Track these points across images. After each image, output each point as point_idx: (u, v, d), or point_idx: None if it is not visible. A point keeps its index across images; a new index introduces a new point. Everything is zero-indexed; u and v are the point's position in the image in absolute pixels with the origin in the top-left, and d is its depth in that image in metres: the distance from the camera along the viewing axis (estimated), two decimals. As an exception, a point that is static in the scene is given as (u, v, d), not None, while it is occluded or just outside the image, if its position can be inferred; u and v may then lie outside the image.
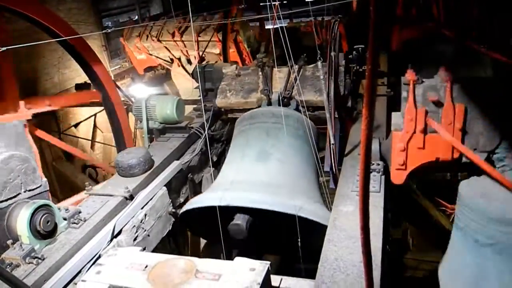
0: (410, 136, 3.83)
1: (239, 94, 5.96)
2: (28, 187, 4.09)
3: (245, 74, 6.16)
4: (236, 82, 6.13)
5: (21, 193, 4.01)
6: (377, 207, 3.79)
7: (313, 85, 5.56)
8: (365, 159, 1.48)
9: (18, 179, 4.04)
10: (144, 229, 4.43)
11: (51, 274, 3.48)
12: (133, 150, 5.05)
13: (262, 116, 5.34)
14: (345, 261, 3.28)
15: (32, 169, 4.18)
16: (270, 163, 4.84)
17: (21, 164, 4.08)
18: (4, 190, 3.89)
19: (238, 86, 6.07)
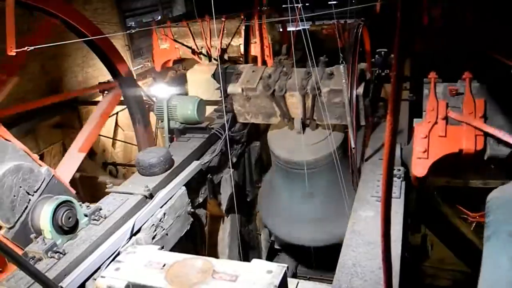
0: (431, 126, 3.84)
1: (259, 117, 5.85)
2: (33, 188, 4.02)
3: (255, 97, 5.76)
4: (250, 104, 5.87)
5: (30, 198, 3.97)
6: (397, 213, 3.76)
7: (332, 112, 5.33)
8: (388, 166, 1.47)
9: (21, 190, 3.91)
10: (163, 228, 4.46)
11: (71, 269, 3.54)
12: (154, 150, 5.10)
13: (297, 165, 5.53)
14: (363, 267, 3.26)
15: (29, 170, 4.02)
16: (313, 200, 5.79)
17: (16, 175, 3.89)
18: (15, 208, 3.82)
19: (253, 109, 5.86)
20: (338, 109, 5.22)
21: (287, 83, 5.44)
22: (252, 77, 5.72)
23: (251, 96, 5.73)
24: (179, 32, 10.73)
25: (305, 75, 5.39)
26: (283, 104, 5.54)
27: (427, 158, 3.83)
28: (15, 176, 3.89)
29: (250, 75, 5.78)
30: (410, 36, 1.19)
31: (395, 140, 1.41)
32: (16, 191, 3.87)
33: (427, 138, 3.82)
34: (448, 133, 3.82)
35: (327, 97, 5.23)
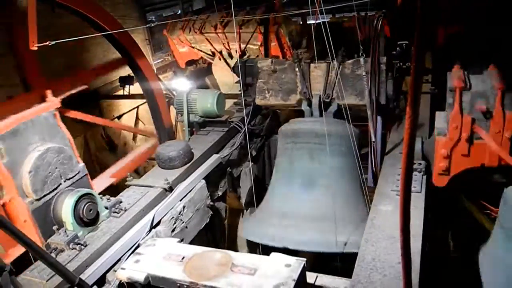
0: (454, 144, 3.72)
1: (278, 95, 5.83)
2: (67, 176, 4.17)
3: (281, 70, 5.83)
4: (273, 79, 5.86)
5: (61, 183, 4.11)
6: (417, 208, 3.71)
7: (353, 86, 5.29)
8: (407, 159, 1.45)
9: (56, 171, 4.11)
10: (182, 220, 4.50)
11: (92, 260, 3.60)
12: (173, 143, 5.13)
13: (305, 136, 5.27)
14: (382, 262, 3.22)
15: (69, 157, 4.25)
16: (315, 191, 5.00)
17: (57, 156, 4.13)
18: (46, 184, 3.99)
19: (276, 85, 5.83)
20: (359, 84, 5.16)
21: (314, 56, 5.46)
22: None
23: (278, 69, 5.77)
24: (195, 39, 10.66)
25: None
26: (307, 77, 5.54)
27: (448, 174, 3.79)
28: (57, 156, 4.13)
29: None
30: (431, 27, 1.16)
31: (414, 133, 1.38)
32: (52, 169, 4.08)
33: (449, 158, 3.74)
34: (472, 148, 3.73)
35: (350, 68, 5.27)
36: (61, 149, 4.20)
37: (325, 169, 5.01)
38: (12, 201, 3.82)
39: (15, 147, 3.90)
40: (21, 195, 3.87)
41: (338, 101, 5.33)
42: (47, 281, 3.26)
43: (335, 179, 4.98)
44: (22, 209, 3.79)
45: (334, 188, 4.84)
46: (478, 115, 3.70)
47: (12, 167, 3.85)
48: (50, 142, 4.18)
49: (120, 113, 10.36)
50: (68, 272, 2.61)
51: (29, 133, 4.02)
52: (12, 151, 3.86)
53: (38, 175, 3.93)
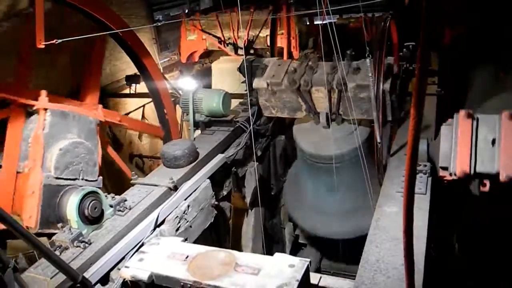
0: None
1: (284, 111, 5.85)
2: (85, 176, 4.39)
3: (280, 91, 5.73)
4: (275, 99, 5.85)
5: (78, 179, 4.24)
6: (421, 209, 3.69)
7: (358, 107, 5.32)
8: (411, 160, 1.44)
9: (79, 166, 4.46)
10: (187, 220, 4.50)
11: (96, 258, 3.60)
12: (178, 142, 5.15)
13: (324, 159, 5.53)
14: (386, 263, 3.21)
15: (94, 163, 4.55)
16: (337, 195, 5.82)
17: (85, 154, 4.50)
18: (66, 169, 4.32)
19: (279, 104, 5.85)
20: (364, 104, 5.18)
21: (313, 78, 5.42)
22: (277, 72, 5.70)
23: (276, 90, 5.70)
24: (207, 24, 10.80)
25: (331, 69, 5.34)
26: (309, 99, 5.52)
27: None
28: (86, 154, 4.63)
29: (276, 69, 5.76)
30: (436, 28, 1.16)
31: (418, 134, 1.38)
32: (78, 161, 4.56)
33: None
34: None
35: (353, 92, 5.19)
36: (91, 151, 4.62)
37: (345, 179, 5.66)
38: (30, 171, 4.19)
39: (57, 126, 4.48)
40: (42, 167, 4.22)
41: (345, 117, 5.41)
42: (51, 278, 3.26)
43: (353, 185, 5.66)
44: (35, 180, 4.05)
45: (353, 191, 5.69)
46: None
47: (48, 140, 4.37)
48: (86, 141, 4.70)
49: (126, 111, 10.37)
50: (71, 269, 2.62)
51: (73, 123, 4.70)
52: (54, 127, 4.45)
53: (65, 157, 4.37)
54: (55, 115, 4.56)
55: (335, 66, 5.25)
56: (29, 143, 4.49)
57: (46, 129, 4.39)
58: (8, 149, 4.53)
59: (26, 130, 4.59)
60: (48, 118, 4.49)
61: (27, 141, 4.53)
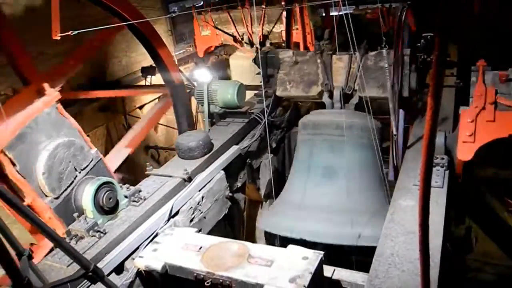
0: (479, 111, 3.70)
1: (299, 86, 5.82)
2: (81, 166, 4.15)
3: (303, 62, 5.89)
4: (295, 71, 5.91)
5: (77, 175, 4.12)
6: (438, 203, 3.64)
7: (375, 78, 5.28)
8: (427, 151, 1.41)
9: (70, 165, 4.07)
10: (201, 211, 4.51)
11: (111, 248, 3.63)
12: (193, 133, 5.15)
13: (326, 127, 5.27)
14: (401, 257, 3.18)
15: (80, 148, 4.19)
16: (335, 182, 5.01)
17: (67, 150, 4.05)
18: (62, 181, 3.98)
19: (297, 77, 5.87)
20: (381, 75, 5.10)
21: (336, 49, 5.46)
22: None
23: (299, 60, 5.81)
24: (220, 19, 10.77)
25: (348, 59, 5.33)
26: (329, 68, 5.51)
27: (473, 142, 3.69)
28: (67, 150, 4.08)
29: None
30: (454, 17, 1.12)
31: (435, 124, 1.34)
32: (66, 164, 4.05)
33: (474, 122, 3.68)
34: (497, 118, 3.68)
35: (373, 60, 5.26)
36: (71, 142, 4.13)
37: (345, 161, 5.00)
38: (34, 203, 3.84)
39: (24, 152, 3.82)
40: (41, 196, 3.88)
41: (360, 94, 5.27)
42: (68, 267, 3.31)
43: (355, 172, 4.98)
44: (44, 209, 3.83)
45: (354, 181, 4.86)
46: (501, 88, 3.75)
47: (26, 171, 3.80)
48: (58, 137, 4.09)
49: (142, 103, 10.44)
50: (82, 258, 2.64)
51: (35, 134, 3.92)
52: (22, 156, 3.79)
53: (52, 174, 3.92)
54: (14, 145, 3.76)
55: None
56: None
57: (16, 166, 3.77)
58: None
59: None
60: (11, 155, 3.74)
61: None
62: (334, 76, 5.55)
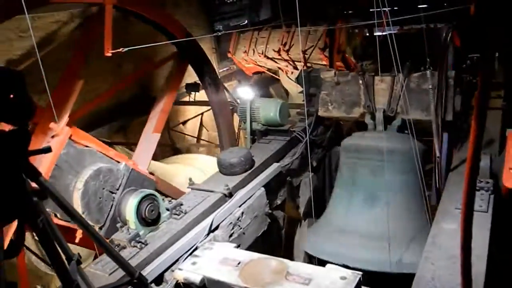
0: None
1: (341, 107, 5.80)
2: (115, 187, 4.32)
3: (344, 82, 5.83)
4: (336, 91, 5.87)
5: (114, 196, 4.25)
6: (482, 228, 3.54)
7: (419, 100, 5.18)
8: (470, 174, 1.40)
9: (104, 192, 4.20)
10: (240, 226, 4.55)
11: (152, 259, 3.72)
12: (235, 150, 5.22)
13: (368, 152, 5.26)
14: (442, 282, 3.10)
15: (108, 171, 4.26)
16: (376, 207, 5.05)
17: (97, 180, 4.12)
18: (102, 210, 4.13)
19: (339, 98, 5.83)
20: (425, 98, 5.03)
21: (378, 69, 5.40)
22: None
23: (341, 81, 5.78)
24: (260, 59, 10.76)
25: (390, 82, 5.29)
26: (371, 89, 5.48)
27: None
28: (97, 180, 4.17)
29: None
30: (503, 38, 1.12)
31: (479, 147, 1.34)
32: (100, 193, 4.18)
33: None
34: None
35: (416, 82, 5.18)
36: (98, 170, 4.19)
37: (388, 186, 4.98)
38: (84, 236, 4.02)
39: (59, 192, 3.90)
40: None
41: (402, 116, 5.22)
42: (110, 275, 3.41)
43: (396, 197, 4.97)
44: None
45: (395, 207, 4.85)
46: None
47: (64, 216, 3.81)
48: (83, 170, 4.15)
49: (185, 118, 10.66)
50: (129, 265, 2.75)
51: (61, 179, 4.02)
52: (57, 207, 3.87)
53: (92, 209, 4.08)
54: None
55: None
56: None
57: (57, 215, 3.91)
58: None
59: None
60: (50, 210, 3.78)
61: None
62: (376, 97, 5.50)
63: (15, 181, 1.80)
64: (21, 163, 1.82)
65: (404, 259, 4.43)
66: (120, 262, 2.70)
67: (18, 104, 1.70)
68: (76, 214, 2.39)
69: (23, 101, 1.72)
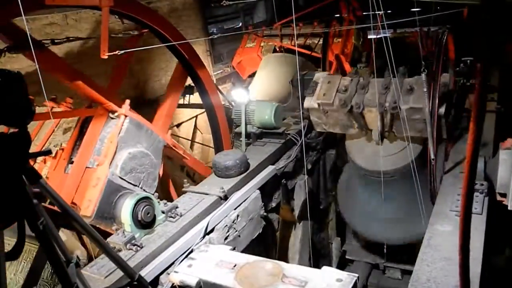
0: None
1: (336, 127, 5.65)
2: (144, 186, 4.61)
3: (332, 111, 5.55)
4: (327, 117, 5.69)
5: (137, 186, 4.47)
6: (477, 230, 3.56)
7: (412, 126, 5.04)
8: (469, 175, 1.41)
9: (142, 175, 4.80)
10: (236, 229, 4.55)
11: (147, 262, 3.71)
12: (230, 153, 5.23)
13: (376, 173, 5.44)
14: (438, 283, 3.12)
15: (154, 177, 4.89)
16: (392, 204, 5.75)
17: (149, 166, 4.87)
18: (130, 173, 4.72)
19: (331, 121, 5.67)
20: (418, 124, 4.99)
21: (364, 99, 5.19)
22: (328, 90, 5.46)
23: (328, 110, 5.55)
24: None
25: (383, 88, 5.15)
26: (361, 119, 5.39)
27: None
28: (149, 166, 5.04)
29: (326, 87, 5.50)
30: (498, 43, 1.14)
31: (478, 148, 1.35)
32: (141, 169, 4.98)
33: None
34: None
35: (406, 113, 4.97)
36: (154, 165, 5.01)
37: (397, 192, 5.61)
38: (99, 165, 4.63)
39: (132, 133, 5.02)
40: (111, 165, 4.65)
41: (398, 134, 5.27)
42: (105, 278, 3.40)
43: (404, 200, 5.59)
44: (102, 174, 4.49)
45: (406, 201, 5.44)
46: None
47: (121, 143, 4.91)
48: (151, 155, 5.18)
49: (179, 121, 10.65)
50: (128, 267, 2.75)
51: (144, 137, 5.23)
52: (129, 133, 5.00)
53: (132, 162, 4.79)
54: (132, 123, 5.13)
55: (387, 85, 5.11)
56: (104, 142, 4.98)
57: (122, 133, 4.94)
58: (85, 145, 5.00)
59: (104, 132, 5.12)
60: (126, 124, 5.06)
61: (102, 141, 5.03)
62: (368, 122, 5.41)
63: (16, 183, 1.79)
64: (21, 165, 1.81)
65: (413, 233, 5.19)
66: (120, 264, 2.71)
67: (17, 106, 1.70)
68: (77, 217, 2.38)
69: (22, 103, 1.72)
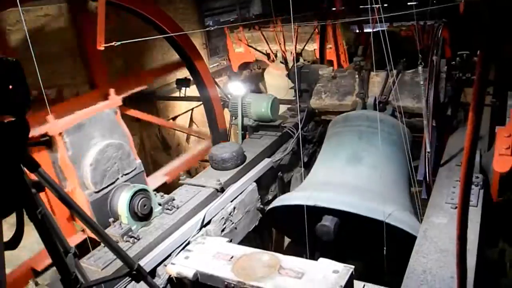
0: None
1: (334, 96, 5.95)
2: (124, 171, 4.39)
3: (341, 77, 6.14)
4: (332, 84, 6.13)
5: (119, 178, 4.32)
6: (472, 222, 3.58)
7: (411, 91, 5.38)
8: (467, 166, 1.42)
9: (115, 166, 4.33)
10: (232, 221, 4.56)
11: (144, 254, 3.72)
12: (227, 145, 5.23)
13: (356, 119, 5.29)
14: (433, 275, 3.15)
15: (127, 154, 4.45)
16: (360, 166, 4.79)
17: (116, 151, 4.34)
18: (104, 178, 4.20)
19: (333, 88, 6.07)
20: (417, 88, 5.11)
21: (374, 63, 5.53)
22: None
23: (338, 75, 6.12)
24: (253, 37, 10.96)
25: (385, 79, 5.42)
26: (366, 81, 5.70)
27: (510, 155, 3.61)
28: (116, 151, 4.37)
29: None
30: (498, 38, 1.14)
31: (476, 138, 1.36)
32: (111, 164, 4.32)
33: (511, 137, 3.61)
34: None
35: (410, 76, 5.51)
36: (120, 145, 4.40)
37: (373, 149, 4.83)
38: (73, 192, 4.07)
39: (78, 141, 4.15)
40: (82, 187, 4.10)
41: (393, 103, 5.30)
42: (102, 270, 3.41)
43: (382, 161, 4.67)
44: (81, 200, 4.02)
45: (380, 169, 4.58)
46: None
47: (75, 159, 4.11)
48: (110, 138, 4.39)
49: (175, 114, 10.63)
50: (128, 257, 2.77)
51: (91, 129, 4.27)
52: (76, 144, 4.12)
53: (98, 169, 4.15)
54: (71, 132, 4.13)
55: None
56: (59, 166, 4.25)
57: (68, 151, 4.09)
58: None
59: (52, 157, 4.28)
60: (67, 140, 4.11)
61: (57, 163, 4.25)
62: (371, 88, 5.72)
63: (14, 172, 1.79)
64: (20, 154, 1.80)
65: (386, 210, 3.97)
66: (119, 254, 2.72)
67: (16, 94, 1.69)
68: (75, 206, 2.39)
69: (21, 91, 1.71)
